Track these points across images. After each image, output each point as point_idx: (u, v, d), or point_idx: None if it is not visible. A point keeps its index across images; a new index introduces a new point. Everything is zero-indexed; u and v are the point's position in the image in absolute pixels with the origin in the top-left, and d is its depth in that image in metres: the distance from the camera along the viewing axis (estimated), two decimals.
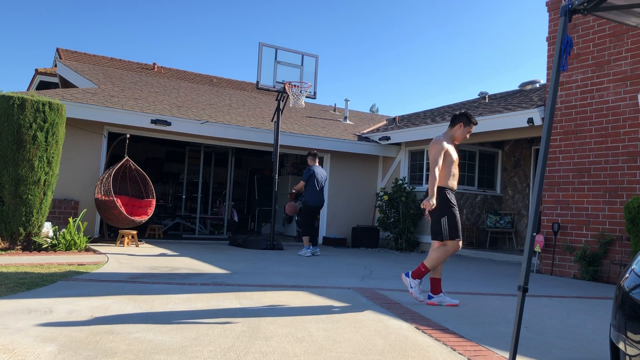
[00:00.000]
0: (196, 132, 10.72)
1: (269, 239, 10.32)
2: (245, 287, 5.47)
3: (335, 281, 6.29)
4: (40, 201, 7.73)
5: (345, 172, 12.88)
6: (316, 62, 10.69)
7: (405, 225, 11.43)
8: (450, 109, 13.45)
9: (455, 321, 4.34)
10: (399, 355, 3.27)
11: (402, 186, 11.72)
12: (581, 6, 3.22)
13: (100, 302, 4.33)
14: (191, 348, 3.18)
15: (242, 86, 20.41)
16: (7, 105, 7.51)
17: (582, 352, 3.60)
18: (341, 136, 12.78)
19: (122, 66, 17.86)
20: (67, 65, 13.44)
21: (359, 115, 17.35)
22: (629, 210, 6.91)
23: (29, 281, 5.09)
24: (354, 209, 12.93)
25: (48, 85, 16.86)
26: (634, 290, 2.30)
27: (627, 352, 2.24)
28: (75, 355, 2.92)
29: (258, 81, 10.12)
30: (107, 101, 10.22)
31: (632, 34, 7.72)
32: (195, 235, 12.73)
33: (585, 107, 8.28)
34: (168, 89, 13.65)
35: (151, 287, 5.21)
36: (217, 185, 15.97)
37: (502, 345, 3.63)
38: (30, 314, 3.83)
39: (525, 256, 3.13)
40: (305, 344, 3.41)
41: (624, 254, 7.49)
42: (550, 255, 8.47)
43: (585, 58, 8.35)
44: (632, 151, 7.58)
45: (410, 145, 12.60)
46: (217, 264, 7.32)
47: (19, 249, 7.62)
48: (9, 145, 7.47)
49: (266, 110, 13.83)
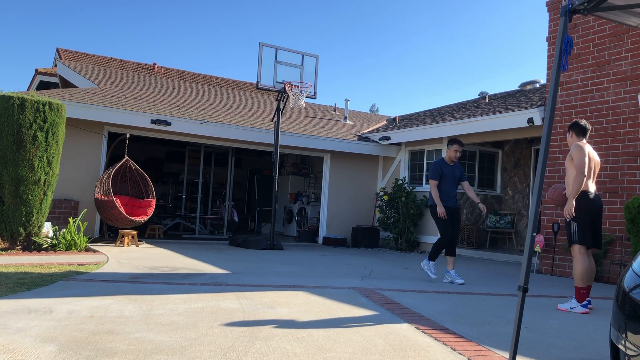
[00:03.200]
0: (196, 132, 10.72)
1: (269, 239, 10.32)
2: (245, 287, 5.47)
3: (335, 281, 6.29)
4: (40, 201, 7.73)
5: (345, 172, 12.88)
6: (316, 62, 10.70)
7: (405, 225, 11.43)
8: (450, 109, 13.44)
9: (455, 321, 4.34)
10: (399, 355, 3.27)
11: (402, 186, 11.72)
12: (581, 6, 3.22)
13: (100, 302, 4.33)
14: (191, 348, 3.18)
15: (242, 86, 20.41)
16: (7, 105, 7.51)
17: (582, 352, 3.60)
18: (341, 136, 12.78)
19: (122, 66, 17.85)
20: (67, 65, 13.45)
21: (359, 115, 17.35)
22: (629, 210, 6.91)
23: (29, 281, 5.09)
24: (354, 209, 12.93)
25: (48, 85, 16.86)
26: (634, 290, 2.30)
27: (627, 352, 2.24)
28: (75, 355, 2.92)
29: (258, 81, 10.13)
30: (107, 101, 10.23)
31: (632, 34, 7.72)
32: (195, 235, 12.73)
33: (585, 107, 8.28)
34: (168, 89, 13.65)
35: (151, 287, 5.21)
36: (217, 185, 15.97)
37: (502, 345, 3.63)
38: (30, 314, 3.83)
39: (525, 256, 3.14)
40: (305, 344, 3.41)
41: (624, 254, 7.49)
42: (550, 255, 8.47)
43: (585, 58, 8.35)
44: (632, 151, 7.58)
45: (410, 145, 12.60)
46: (217, 264, 7.32)
47: (19, 249, 7.62)
48: (9, 145, 7.47)
49: (266, 110, 13.83)
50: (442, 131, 11.21)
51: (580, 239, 5.08)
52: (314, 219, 13.58)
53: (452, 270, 6.68)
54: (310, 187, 15.22)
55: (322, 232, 12.60)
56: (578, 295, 5.08)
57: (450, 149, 6.87)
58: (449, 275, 6.70)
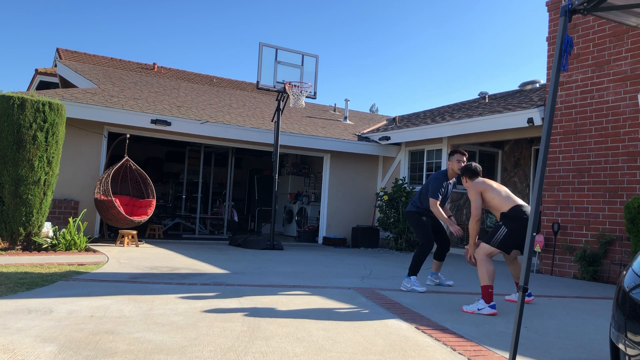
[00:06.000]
0: (196, 132, 10.72)
1: (269, 239, 10.32)
2: (245, 287, 5.47)
3: (335, 281, 6.29)
4: (40, 201, 7.73)
5: (345, 172, 12.88)
6: (316, 62, 10.70)
7: (405, 225, 11.42)
8: (450, 109, 13.44)
9: (455, 321, 4.35)
10: (399, 355, 3.27)
11: (402, 186, 11.72)
12: (581, 6, 3.21)
13: (100, 302, 4.33)
14: (191, 348, 3.18)
15: (242, 86, 20.41)
16: (7, 105, 7.51)
17: (582, 352, 3.60)
18: (341, 136, 12.78)
19: (122, 66, 17.85)
20: (67, 65, 13.45)
21: (359, 115, 17.35)
22: (629, 210, 6.91)
23: (29, 281, 5.09)
24: (354, 209, 12.93)
25: (48, 85, 16.86)
26: (633, 290, 2.30)
27: (627, 352, 2.24)
28: (75, 355, 2.92)
29: (258, 81, 10.13)
30: (107, 101, 10.23)
31: (632, 34, 7.72)
32: (195, 235, 12.73)
33: (585, 107, 8.28)
34: (168, 89, 13.65)
35: (151, 287, 5.21)
36: (217, 185, 15.98)
37: (502, 345, 3.63)
38: (30, 314, 3.83)
39: (525, 256, 3.14)
40: (305, 344, 3.41)
41: (624, 254, 7.49)
42: (550, 255, 8.47)
43: (585, 58, 8.35)
44: (632, 151, 7.58)
45: (410, 145, 12.60)
46: (217, 264, 7.32)
47: (19, 249, 7.62)
48: (9, 145, 7.47)
49: (266, 110, 13.83)
50: (442, 131, 11.21)
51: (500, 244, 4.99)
52: (314, 219, 13.58)
53: (439, 273, 6.38)
54: (310, 187, 15.22)
55: (322, 232, 12.60)
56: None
57: (452, 161, 6.06)
58: (436, 278, 6.34)
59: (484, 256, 4.92)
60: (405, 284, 5.88)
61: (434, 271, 6.39)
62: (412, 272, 5.88)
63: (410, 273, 5.89)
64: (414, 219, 6.14)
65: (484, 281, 4.82)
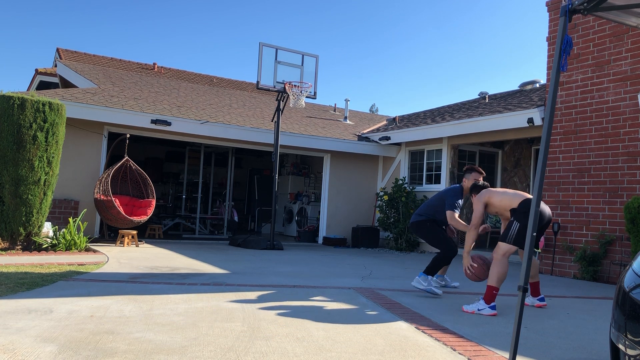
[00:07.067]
0: (196, 132, 10.72)
1: (269, 239, 10.32)
2: (245, 287, 5.47)
3: (336, 281, 6.29)
4: (40, 201, 7.73)
5: (345, 172, 12.88)
6: (316, 62, 10.70)
7: (405, 225, 11.42)
8: (450, 109, 13.44)
9: (455, 321, 4.35)
10: (399, 356, 3.27)
11: (402, 186, 11.72)
12: (581, 6, 3.22)
13: (100, 302, 4.33)
14: (191, 348, 3.18)
15: (242, 86, 20.40)
16: (7, 105, 7.51)
17: (582, 352, 3.60)
18: (341, 136, 12.78)
19: (122, 66, 17.85)
20: (67, 65, 13.45)
21: (359, 115, 17.35)
22: (629, 210, 6.91)
23: (29, 281, 5.09)
24: (354, 209, 12.93)
25: (48, 85, 16.87)
26: (634, 290, 2.30)
27: (627, 352, 2.24)
28: (75, 355, 2.92)
29: (258, 81, 10.13)
30: (107, 101, 10.23)
31: (632, 34, 7.72)
32: (195, 235, 12.73)
33: (585, 107, 8.28)
34: (168, 89, 13.65)
35: (151, 287, 5.21)
36: (217, 185, 15.97)
37: (502, 345, 3.63)
38: (30, 314, 3.83)
39: (525, 256, 3.14)
40: (305, 344, 3.41)
41: (624, 254, 7.49)
42: (550, 255, 8.47)
43: (585, 58, 8.35)
44: (632, 151, 7.58)
45: (411, 145, 12.60)
46: (217, 264, 7.32)
47: (19, 249, 7.62)
48: (9, 145, 7.47)
49: (266, 110, 13.83)
50: (442, 131, 11.21)
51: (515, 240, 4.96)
52: (314, 219, 13.58)
53: (445, 275, 6.36)
54: (310, 187, 15.22)
55: (322, 232, 12.60)
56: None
57: (469, 179, 5.96)
58: (441, 280, 6.29)
59: (501, 256, 4.89)
60: (421, 281, 5.63)
61: (440, 274, 6.36)
62: (430, 271, 5.69)
63: (428, 272, 5.70)
64: (424, 227, 6.04)
65: (492, 281, 4.81)
